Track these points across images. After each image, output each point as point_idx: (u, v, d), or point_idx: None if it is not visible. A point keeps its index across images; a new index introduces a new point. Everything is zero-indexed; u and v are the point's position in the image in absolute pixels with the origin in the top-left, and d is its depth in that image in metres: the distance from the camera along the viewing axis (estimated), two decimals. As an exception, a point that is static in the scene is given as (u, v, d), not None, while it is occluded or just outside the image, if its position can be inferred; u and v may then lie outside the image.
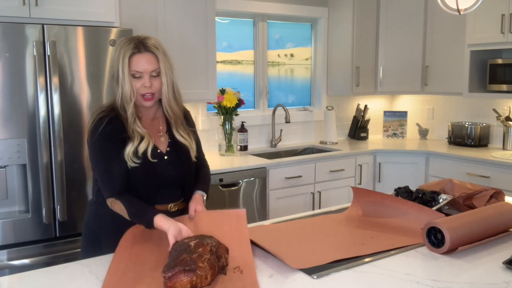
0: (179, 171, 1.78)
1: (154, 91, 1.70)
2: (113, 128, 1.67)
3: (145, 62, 1.65)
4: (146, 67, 1.65)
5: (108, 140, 1.67)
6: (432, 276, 1.39)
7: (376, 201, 1.94)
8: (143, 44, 1.67)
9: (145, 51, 1.66)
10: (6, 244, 2.41)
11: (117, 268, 1.42)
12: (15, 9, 2.44)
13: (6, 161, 2.39)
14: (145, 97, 1.69)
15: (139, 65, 1.65)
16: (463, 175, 3.57)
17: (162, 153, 1.76)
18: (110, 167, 1.67)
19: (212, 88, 3.43)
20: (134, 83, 1.66)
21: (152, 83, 1.68)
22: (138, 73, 1.66)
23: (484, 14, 3.59)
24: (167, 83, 1.70)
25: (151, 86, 1.67)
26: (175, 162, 1.77)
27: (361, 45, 4.21)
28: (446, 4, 2.15)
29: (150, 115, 1.80)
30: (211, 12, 3.37)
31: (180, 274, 1.23)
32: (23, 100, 2.40)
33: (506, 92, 3.64)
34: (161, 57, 1.68)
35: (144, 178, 1.69)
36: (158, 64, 1.68)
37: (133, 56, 1.65)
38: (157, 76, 1.69)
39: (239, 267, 1.42)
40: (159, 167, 1.72)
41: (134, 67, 1.65)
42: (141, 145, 1.68)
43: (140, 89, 1.67)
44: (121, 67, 1.64)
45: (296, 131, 4.35)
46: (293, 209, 3.48)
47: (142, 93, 1.68)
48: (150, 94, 1.69)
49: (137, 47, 1.65)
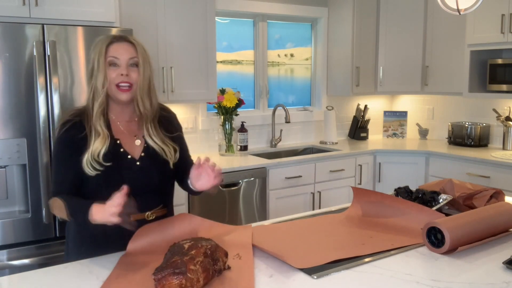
0: (153, 178, 1.67)
1: (131, 82, 1.60)
2: (74, 135, 1.60)
3: (123, 49, 1.60)
4: (123, 53, 1.59)
5: (64, 146, 1.61)
6: (432, 276, 1.39)
7: (376, 201, 1.94)
8: (121, 36, 1.64)
9: (124, 41, 1.62)
10: (6, 244, 2.41)
11: (119, 270, 1.42)
12: (15, 9, 2.44)
13: (6, 161, 2.39)
14: (121, 87, 1.59)
15: (116, 51, 1.59)
16: (463, 175, 3.57)
17: (134, 159, 1.65)
18: (60, 171, 1.62)
19: (212, 88, 3.43)
20: (109, 72, 1.58)
21: (129, 72, 1.59)
22: (115, 59, 1.58)
23: (484, 14, 3.59)
24: (143, 75, 1.62)
25: (128, 75, 1.59)
26: (148, 168, 1.66)
27: (361, 45, 4.21)
28: (446, 4, 2.15)
29: (126, 116, 1.70)
30: (211, 12, 3.36)
31: (169, 277, 1.22)
32: (23, 100, 2.40)
33: (506, 92, 3.64)
34: (140, 50, 1.62)
35: (109, 187, 1.52)
36: (137, 54, 1.61)
37: (111, 44, 1.60)
38: (135, 67, 1.61)
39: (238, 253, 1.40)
40: (128, 175, 1.62)
41: (111, 53, 1.58)
42: (95, 145, 1.58)
43: (116, 78, 1.58)
44: (97, 56, 1.58)
45: (296, 131, 4.35)
46: (293, 209, 3.48)
47: (118, 81, 1.59)
48: (126, 85, 1.60)
49: (114, 37, 1.62)
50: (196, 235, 1.64)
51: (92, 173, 1.58)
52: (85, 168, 1.57)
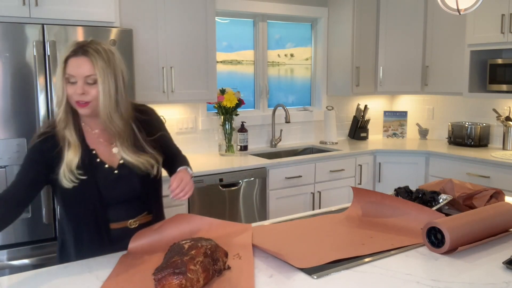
0: (134, 185, 1.64)
1: (89, 100, 1.53)
2: (46, 149, 1.56)
3: (79, 66, 1.51)
4: (78, 71, 1.51)
5: (32, 156, 1.58)
6: (432, 276, 1.39)
7: (376, 201, 1.94)
8: (83, 48, 1.53)
9: (82, 55, 1.52)
10: (6, 244, 2.42)
11: (119, 270, 1.42)
12: (15, 9, 2.44)
13: (6, 161, 2.39)
14: (79, 103, 1.54)
15: (73, 68, 1.51)
16: (463, 175, 3.57)
17: (112, 168, 1.61)
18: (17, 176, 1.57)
19: (212, 88, 3.43)
20: (68, 88, 1.53)
21: (86, 90, 1.52)
22: (71, 77, 1.52)
23: (484, 14, 3.59)
24: (103, 92, 1.52)
25: (84, 93, 1.52)
26: (128, 176, 1.62)
27: (361, 45, 4.21)
28: (446, 4, 2.15)
29: (98, 125, 1.63)
30: (211, 12, 3.37)
31: (169, 277, 1.22)
32: (23, 100, 2.41)
33: (506, 92, 3.64)
34: (100, 63, 1.51)
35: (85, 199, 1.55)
36: (94, 71, 1.51)
37: (69, 58, 1.53)
38: (93, 83, 1.52)
39: (238, 253, 1.40)
40: (105, 185, 1.58)
41: (68, 70, 1.52)
42: (69, 156, 1.54)
43: (73, 95, 1.53)
44: (58, 70, 1.54)
45: (296, 131, 4.35)
46: (293, 209, 3.48)
47: (75, 100, 1.53)
48: (83, 101, 1.53)
49: (74, 51, 1.53)
50: (196, 235, 1.64)
51: (69, 185, 1.54)
52: (63, 180, 1.54)
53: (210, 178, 3.14)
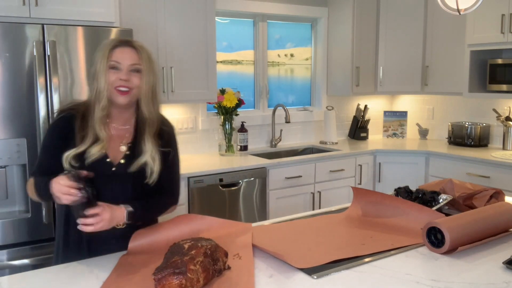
0: (125, 186, 1.61)
1: (131, 86, 1.57)
2: (68, 126, 1.59)
3: (125, 54, 1.57)
4: (125, 58, 1.56)
5: (55, 133, 1.61)
6: (432, 276, 1.39)
7: (376, 201, 1.94)
8: (127, 41, 1.61)
9: (128, 46, 1.59)
10: (6, 244, 2.41)
11: (119, 270, 1.42)
12: (15, 9, 2.44)
13: (6, 161, 2.39)
14: (120, 90, 1.56)
15: (119, 55, 1.56)
16: (463, 175, 3.57)
17: (111, 163, 1.61)
18: (43, 156, 1.63)
19: (212, 88, 3.43)
20: (110, 74, 1.55)
21: (130, 77, 1.56)
22: (116, 63, 1.56)
23: (484, 14, 3.59)
24: (147, 81, 1.59)
25: (128, 80, 1.56)
26: (122, 176, 1.61)
27: (361, 45, 4.21)
28: (446, 4, 2.15)
29: (121, 121, 1.66)
30: (211, 12, 3.37)
31: (169, 277, 1.22)
32: (23, 100, 2.41)
33: (506, 92, 3.64)
34: (144, 57, 1.59)
35: None
36: (140, 61, 1.58)
37: (114, 48, 1.57)
38: (137, 72, 1.58)
39: (238, 253, 1.41)
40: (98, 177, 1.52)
41: (113, 57, 1.56)
42: (93, 148, 1.56)
43: (115, 82, 1.55)
44: (100, 59, 1.56)
45: (296, 131, 4.35)
46: (293, 209, 3.48)
47: (117, 85, 1.55)
48: (125, 89, 1.56)
49: (120, 41, 1.59)
50: (197, 235, 1.64)
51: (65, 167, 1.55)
52: (64, 163, 1.55)
53: (210, 178, 3.15)
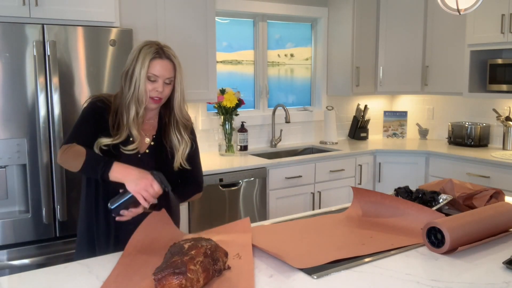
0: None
1: (163, 97, 1.75)
2: (99, 113, 1.72)
3: (164, 67, 1.71)
4: (163, 73, 1.71)
5: (93, 112, 1.73)
6: (432, 276, 1.39)
7: (376, 201, 1.94)
8: (163, 51, 1.73)
9: (165, 58, 1.72)
10: (6, 244, 2.41)
11: (119, 270, 1.42)
12: (15, 9, 2.44)
13: (6, 161, 2.39)
14: (154, 99, 1.73)
15: (157, 69, 1.70)
16: (463, 175, 3.57)
17: (138, 152, 1.76)
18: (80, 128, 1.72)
19: (212, 88, 3.43)
20: (147, 85, 1.71)
21: (164, 88, 1.73)
22: (154, 76, 1.70)
23: (484, 14, 3.59)
24: (180, 91, 1.77)
25: (163, 91, 1.73)
26: (147, 162, 1.76)
27: (361, 45, 4.21)
28: (446, 4, 2.15)
29: (147, 116, 1.82)
30: (211, 12, 3.37)
31: (169, 277, 1.22)
32: (23, 100, 2.41)
33: (506, 92, 3.64)
34: (178, 67, 1.75)
35: None
36: (174, 73, 1.74)
37: (153, 60, 1.69)
38: (169, 83, 1.74)
39: (238, 253, 1.41)
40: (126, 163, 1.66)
41: (152, 71, 1.69)
42: (128, 146, 1.72)
43: (151, 92, 1.71)
44: (139, 67, 1.68)
45: (296, 131, 4.35)
46: (293, 209, 3.48)
47: (153, 96, 1.72)
48: (158, 98, 1.74)
49: (158, 53, 1.71)
50: (197, 235, 1.64)
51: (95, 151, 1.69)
52: (95, 146, 1.68)
53: (210, 178, 3.14)
